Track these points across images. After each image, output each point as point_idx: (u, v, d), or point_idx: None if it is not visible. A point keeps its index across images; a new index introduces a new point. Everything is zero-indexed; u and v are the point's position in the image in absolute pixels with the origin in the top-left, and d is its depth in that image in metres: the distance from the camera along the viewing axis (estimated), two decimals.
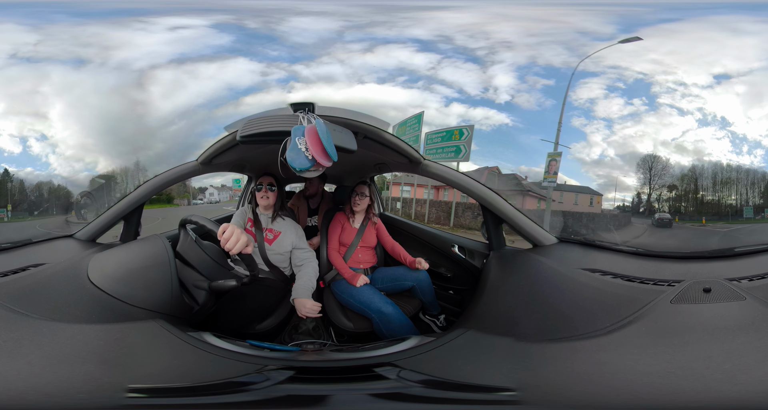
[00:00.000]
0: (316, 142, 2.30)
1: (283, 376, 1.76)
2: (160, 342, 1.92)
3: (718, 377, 1.59)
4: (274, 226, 3.22)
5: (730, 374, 1.60)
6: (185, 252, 2.48)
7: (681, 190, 6.32)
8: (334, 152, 2.34)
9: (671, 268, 2.67)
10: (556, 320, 2.16)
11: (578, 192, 5.61)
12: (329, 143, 2.33)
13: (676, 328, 1.96)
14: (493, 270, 2.78)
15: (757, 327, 1.87)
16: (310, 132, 2.32)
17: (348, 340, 3.27)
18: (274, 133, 2.43)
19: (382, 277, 3.50)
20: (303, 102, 2.50)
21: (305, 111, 2.45)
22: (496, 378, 1.79)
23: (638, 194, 6.51)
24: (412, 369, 1.84)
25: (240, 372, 1.76)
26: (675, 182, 6.50)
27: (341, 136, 2.47)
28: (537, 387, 1.70)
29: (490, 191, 2.97)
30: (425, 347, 2.00)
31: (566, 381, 1.72)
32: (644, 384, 1.62)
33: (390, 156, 3.06)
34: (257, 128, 2.47)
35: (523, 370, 1.82)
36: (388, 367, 1.86)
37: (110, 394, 1.56)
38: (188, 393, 1.68)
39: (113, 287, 2.07)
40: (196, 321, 2.40)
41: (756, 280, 2.35)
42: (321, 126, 2.33)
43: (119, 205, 2.93)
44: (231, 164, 3.54)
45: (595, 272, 2.56)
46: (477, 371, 1.85)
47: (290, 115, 2.48)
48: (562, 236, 3.00)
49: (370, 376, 1.84)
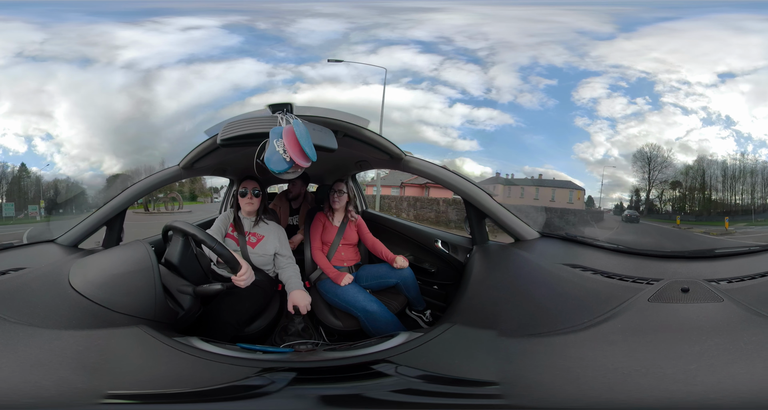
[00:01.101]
0: (294, 143, 2.29)
1: (288, 378, 1.77)
2: (144, 348, 1.90)
3: (679, 377, 1.63)
4: (257, 230, 3.21)
5: (692, 374, 1.64)
6: (170, 258, 2.47)
7: (685, 187, 5.92)
8: (312, 152, 2.34)
9: (651, 266, 2.70)
10: (537, 315, 2.19)
11: (556, 187, 5.38)
12: (307, 143, 2.33)
13: (651, 326, 1.99)
14: (476, 265, 2.79)
15: (731, 329, 1.90)
16: (287, 133, 2.32)
17: (339, 339, 3.27)
18: (254, 135, 2.43)
19: (366, 275, 3.50)
20: (281, 103, 2.49)
21: (283, 112, 2.44)
22: (482, 373, 1.82)
23: (637, 191, 5.99)
24: (407, 364, 1.87)
25: (238, 376, 1.76)
26: (678, 178, 6.04)
27: (321, 135, 2.47)
28: (519, 381, 1.74)
29: (473, 186, 2.98)
30: (415, 342, 2.02)
31: (544, 376, 1.75)
32: (608, 381, 1.66)
33: (371, 153, 3.07)
34: (237, 130, 2.47)
35: (506, 365, 1.85)
36: (384, 364, 1.89)
37: (84, 400, 1.56)
38: (187, 399, 1.67)
39: (95, 293, 2.05)
40: (182, 326, 2.38)
41: (735, 282, 2.37)
42: (299, 126, 2.33)
43: (102, 210, 2.91)
44: (212, 167, 3.54)
45: (575, 267, 2.58)
46: (465, 365, 1.88)
47: (269, 116, 2.48)
48: (544, 231, 3.02)
49: (372, 374, 1.85)
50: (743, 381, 1.58)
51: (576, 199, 5.72)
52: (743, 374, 1.61)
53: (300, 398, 1.72)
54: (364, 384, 1.81)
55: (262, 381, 1.74)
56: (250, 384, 1.73)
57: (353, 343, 2.55)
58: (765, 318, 1.96)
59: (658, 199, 6.47)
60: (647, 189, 6.21)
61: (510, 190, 6.05)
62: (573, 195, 5.79)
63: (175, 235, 2.54)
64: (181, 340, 1.99)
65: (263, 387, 1.71)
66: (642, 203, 6.31)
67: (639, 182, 6.19)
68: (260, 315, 3.13)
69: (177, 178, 3.10)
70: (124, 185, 3.03)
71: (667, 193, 6.47)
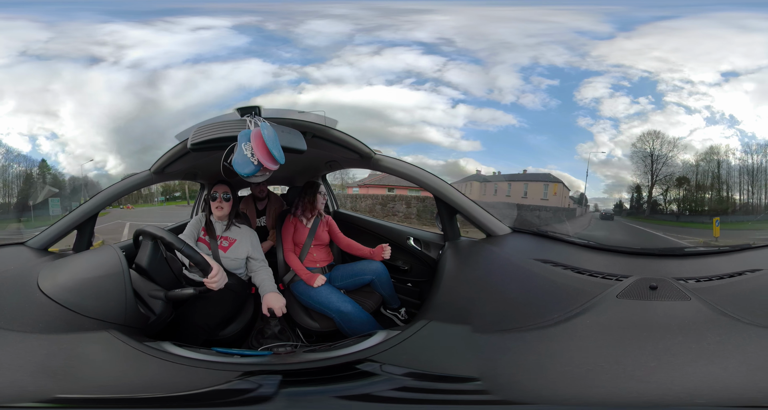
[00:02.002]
0: (261, 146, 2.31)
1: (276, 381, 1.76)
2: (113, 353, 1.90)
3: (636, 374, 1.67)
4: (228, 234, 3.21)
5: (649, 372, 1.67)
6: (140, 262, 2.47)
7: (692, 184, 5.42)
8: (280, 155, 2.36)
9: (621, 262, 2.72)
10: (509, 310, 2.21)
11: (529, 180, 5.22)
12: (275, 145, 2.34)
13: (618, 323, 2.03)
14: (448, 261, 2.81)
15: (696, 328, 1.93)
16: (255, 136, 2.33)
17: (317, 340, 3.26)
18: (224, 139, 2.44)
19: (340, 275, 3.51)
20: (249, 106, 2.50)
21: (252, 115, 2.46)
22: (462, 368, 1.85)
23: (637, 188, 5.36)
24: (390, 362, 1.88)
25: (219, 380, 1.75)
26: (686, 174, 5.48)
27: (289, 137, 2.49)
28: (495, 376, 1.77)
29: (443, 183, 3.00)
30: (394, 340, 2.03)
31: (517, 371, 1.79)
32: (573, 376, 1.70)
33: (340, 153, 3.08)
34: (207, 135, 2.48)
35: (482, 360, 1.89)
36: (368, 363, 1.89)
37: (29, 404, 1.56)
38: (162, 404, 1.67)
39: (64, 297, 2.03)
40: (154, 331, 2.37)
41: (703, 281, 2.40)
42: (266, 129, 2.35)
43: (73, 214, 2.88)
44: (183, 172, 3.53)
45: (546, 263, 2.60)
46: (445, 361, 1.91)
47: (238, 120, 2.49)
48: (516, 227, 3.04)
49: (360, 373, 1.86)
50: (697, 382, 1.61)
51: (552, 194, 5.64)
52: (699, 374, 1.65)
53: (308, 400, 1.74)
54: (359, 383, 1.81)
55: (248, 384, 1.74)
56: (235, 389, 1.72)
57: (332, 344, 2.54)
58: (731, 319, 1.98)
59: (662, 197, 6.03)
60: (650, 183, 5.92)
61: (485, 187, 6.00)
62: (548, 190, 5.70)
63: (144, 239, 2.54)
64: (152, 345, 1.99)
65: (253, 390, 1.71)
66: (644, 202, 5.98)
67: (641, 178, 5.85)
68: (235, 318, 3.12)
69: (148, 183, 3.09)
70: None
71: (672, 191, 6.03)
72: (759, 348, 1.78)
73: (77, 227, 2.91)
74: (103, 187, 3.09)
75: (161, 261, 2.53)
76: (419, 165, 2.98)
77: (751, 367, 1.67)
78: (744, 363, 1.70)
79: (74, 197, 5.58)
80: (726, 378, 1.63)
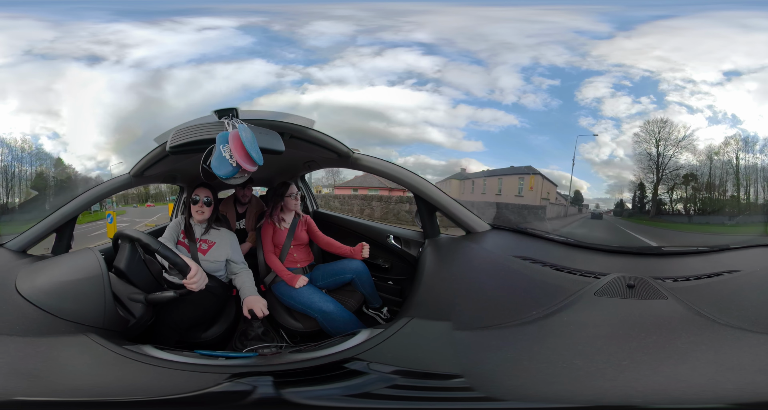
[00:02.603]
0: (240, 147, 2.32)
1: (269, 382, 1.77)
2: (91, 356, 1.89)
3: (608, 372, 1.69)
4: (207, 236, 3.19)
5: (620, 370, 1.70)
6: (118, 264, 2.47)
7: (700, 182, 4.97)
8: (259, 156, 2.37)
9: (599, 260, 2.75)
10: (489, 307, 2.23)
11: (502, 175, 5.10)
12: (253, 147, 2.35)
13: (595, 321, 2.05)
14: (428, 258, 2.79)
15: (672, 327, 1.95)
16: (233, 138, 2.34)
17: (301, 340, 3.26)
18: (203, 141, 2.44)
19: (321, 274, 3.51)
20: (227, 108, 2.51)
21: (229, 117, 2.46)
22: (444, 365, 1.87)
23: (640, 185, 4.84)
24: (376, 361, 1.89)
25: (207, 383, 1.75)
26: (694, 171, 4.96)
27: (267, 138, 2.50)
28: (477, 373, 1.79)
29: (423, 180, 3.02)
30: (378, 338, 2.04)
31: (497, 369, 1.81)
32: (549, 373, 1.73)
33: (318, 153, 3.09)
34: (185, 137, 2.48)
35: (464, 357, 1.90)
36: (355, 361, 1.91)
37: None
38: (141, 407, 1.68)
39: (43, 300, 2.03)
40: (133, 334, 2.37)
41: (681, 281, 2.43)
42: (244, 130, 2.36)
43: (52, 217, 2.86)
44: (163, 175, 3.53)
45: (526, 260, 2.62)
46: (428, 358, 1.92)
47: (216, 122, 2.49)
48: (495, 223, 3.05)
49: (349, 372, 1.87)
50: (664, 381, 1.63)
51: (528, 189, 5.60)
52: (668, 373, 1.67)
53: (312, 399, 1.75)
54: (354, 382, 1.83)
55: (240, 386, 1.74)
56: (227, 391, 1.73)
57: (317, 344, 2.53)
58: (706, 319, 2.00)
59: (667, 195, 5.53)
60: (655, 178, 5.45)
61: (463, 185, 5.98)
62: (524, 184, 5.65)
63: (122, 242, 2.54)
64: (132, 348, 1.98)
65: (248, 393, 1.71)
66: (647, 201, 5.55)
67: (645, 172, 5.50)
68: (217, 320, 3.12)
69: (127, 186, 3.08)
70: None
71: (678, 190, 5.51)
72: (732, 349, 1.80)
73: (56, 230, 2.89)
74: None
75: (140, 264, 2.53)
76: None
77: (722, 368, 1.68)
78: (714, 364, 1.72)
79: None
80: (693, 378, 1.65)
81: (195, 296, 2.49)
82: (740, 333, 1.90)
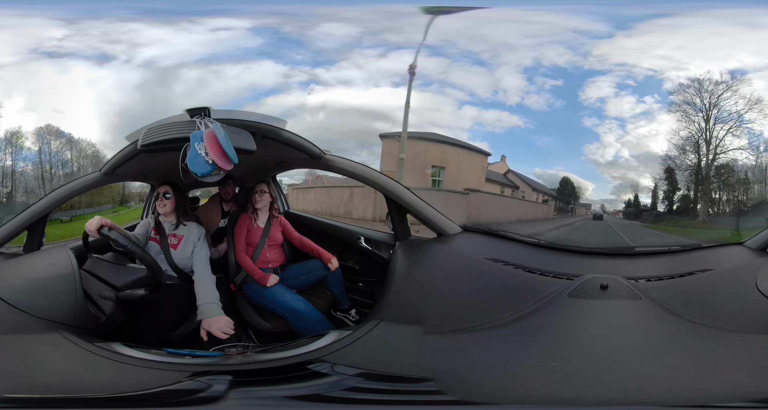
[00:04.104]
0: (216, 146, 2.34)
1: (226, 381, 1.78)
2: (63, 353, 1.90)
3: (588, 373, 1.72)
4: (176, 231, 3.19)
5: (600, 371, 1.72)
6: (90, 263, 2.46)
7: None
8: (234, 155, 2.39)
9: (571, 262, 2.77)
10: (461, 310, 2.24)
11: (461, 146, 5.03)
12: (228, 145, 2.37)
13: (569, 322, 2.08)
14: (399, 260, 2.77)
15: (647, 327, 2.00)
16: (208, 136, 2.36)
17: (269, 340, 3.24)
18: (174, 140, 2.45)
19: (293, 273, 3.52)
20: (199, 107, 2.52)
21: (201, 116, 2.48)
22: (414, 369, 1.87)
23: (669, 171, 4.56)
24: (342, 363, 1.90)
25: (169, 381, 1.77)
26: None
27: (239, 137, 2.51)
28: (447, 376, 1.81)
29: (394, 182, 3.04)
30: (346, 340, 2.05)
31: (469, 371, 1.83)
32: (521, 376, 1.74)
33: (290, 153, 3.08)
34: (156, 136, 2.48)
35: (434, 360, 1.92)
36: (320, 363, 1.92)
37: None
38: (108, 404, 1.68)
39: (14, 298, 2.03)
40: (104, 332, 2.36)
41: (654, 281, 2.46)
42: (218, 129, 2.38)
43: (23, 215, 2.82)
44: (134, 173, 3.51)
45: (497, 262, 2.63)
46: (397, 361, 1.94)
47: (188, 121, 2.49)
48: (466, 226, 3.06)
49: (310, 374, 1.88)
50: (646, 381, 1.65)
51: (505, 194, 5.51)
52: (650, 373, 1.69)
53: (257, 400, 1.76)
54: (309, 384, 1.83)
55: (197, 385, 1.75)
56: (185, 389, 1.74)
57: (285, 344, 2.53)
58: (680, 318, 2.04)
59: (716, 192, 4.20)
60: (706, 166, 4.16)
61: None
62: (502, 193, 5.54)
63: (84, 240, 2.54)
64: (102, 345, 1.99)
65: (201, 391, 1.72)
66: (678, 199, 4.34)
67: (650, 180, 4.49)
68: (186, 318, 3.07)
69: (99, 184, 3.03)
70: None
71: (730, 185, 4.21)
72: (709, 348, 1.84)
73: (28, 228, 2.85)
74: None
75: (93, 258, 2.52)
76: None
77: (702, 367, 1.72)
78: (694, 363, 1.75)
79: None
80: (675, 377, 1.67)
81: (164, 294, 2.49)
82: (715, 332, 1.93)
